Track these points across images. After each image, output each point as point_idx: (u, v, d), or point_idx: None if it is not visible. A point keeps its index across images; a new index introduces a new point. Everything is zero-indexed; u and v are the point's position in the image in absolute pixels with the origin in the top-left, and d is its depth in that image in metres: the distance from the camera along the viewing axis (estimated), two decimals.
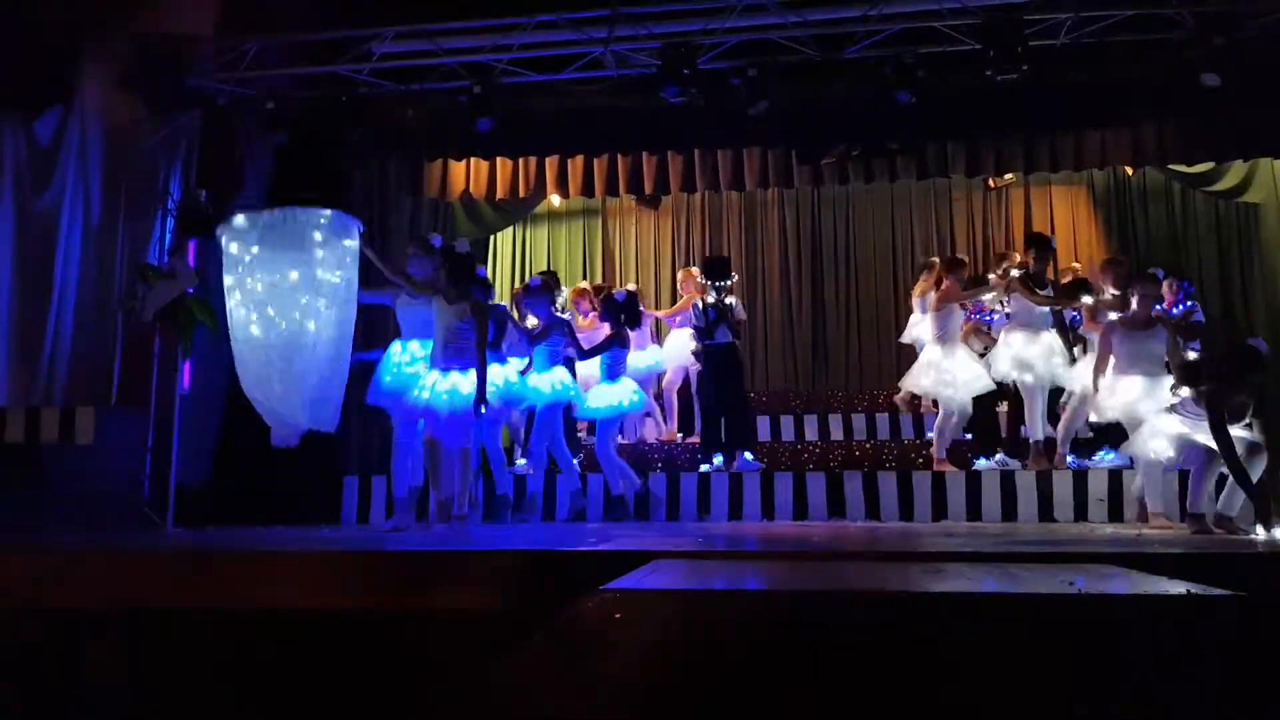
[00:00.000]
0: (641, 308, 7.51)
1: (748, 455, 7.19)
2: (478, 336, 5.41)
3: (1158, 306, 6.39)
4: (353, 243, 5.43)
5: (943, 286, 7.16)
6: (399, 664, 3.24)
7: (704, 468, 7.20)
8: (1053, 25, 6.55)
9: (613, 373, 6.78)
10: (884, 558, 3.39)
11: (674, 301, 9.23)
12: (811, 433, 8.46)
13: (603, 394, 6.74)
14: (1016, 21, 6.38)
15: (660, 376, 8.35)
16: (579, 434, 7.56)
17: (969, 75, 6.69)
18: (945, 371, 7.01)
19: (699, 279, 7.65)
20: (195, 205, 6.89)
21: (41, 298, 6.61)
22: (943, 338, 7.09)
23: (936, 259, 8.25)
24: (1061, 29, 6.57)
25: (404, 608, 3.22)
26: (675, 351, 8.28)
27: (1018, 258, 7.52)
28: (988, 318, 7.68)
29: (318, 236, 5.29)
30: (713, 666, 2.13)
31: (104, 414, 6.05)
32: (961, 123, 7.40)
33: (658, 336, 8.72)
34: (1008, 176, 9.22)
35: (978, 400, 7.08)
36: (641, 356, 7.85)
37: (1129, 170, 9.11)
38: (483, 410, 5.38)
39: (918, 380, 7.28)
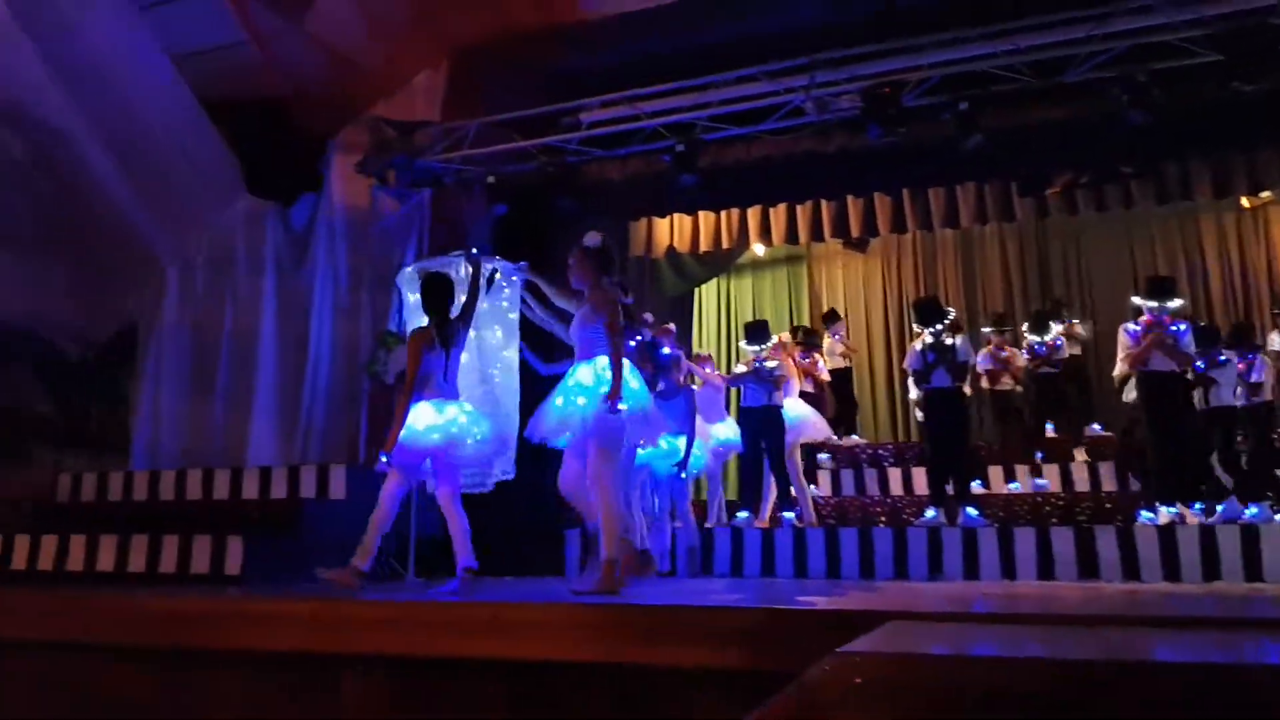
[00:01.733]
0: (709, 368, 7.05)
1: (971, 510, 6.81)
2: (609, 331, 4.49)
3: None
4: (513, 287, 5.58)
5: None
6: (636, 716, 3.26)
7: (921, 520, 6.86)
8: None
9: None
10: (1150, 623, 3.08)
11: (890, 349, 8.99)
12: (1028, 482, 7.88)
13: None
14: (1262, 26, 5.82)
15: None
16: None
17: (1209, 88, 6.15)
18: None
19: (793, 342, 7.36)
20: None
21: (299, 367, 7.28)
22: None
23: None
24: None
25: (641, 660, 3.24)
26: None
27: None
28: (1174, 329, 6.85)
29: (499, 279, 5.49)
30: None
31: (354, 471, 6.54)
32: (1205, 140, 6.81)
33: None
34: (1264, 194, 8.39)
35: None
36: (721, 429, 7.27)
37: None
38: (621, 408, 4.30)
39: None
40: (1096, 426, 8.57)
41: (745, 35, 7.14)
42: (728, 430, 7.13)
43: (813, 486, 8.21)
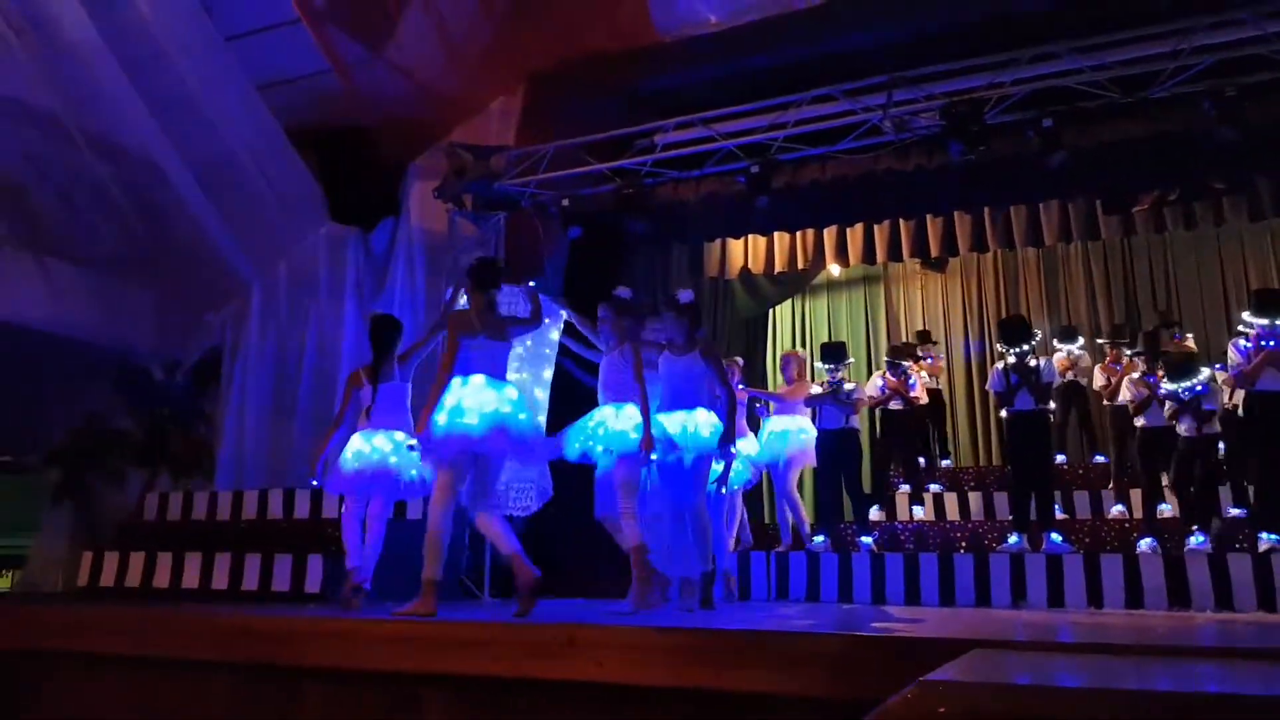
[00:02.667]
0: (736, 377, 6.78)
1: (1055, 536, 6.60)
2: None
3: None
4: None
5: None
6: None
7: (1002, 546, 6.68)
8: None
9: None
10: (1246, 655, 2.93)
11: (970, 370, 8.82)
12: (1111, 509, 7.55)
13: None
14: None
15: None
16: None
17: None
18: None
19: (804, 360, 7.28)
20: None
21: None
22: None
23: None
24: None
25: (718, 685, 3.20)
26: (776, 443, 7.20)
27: None
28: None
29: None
30: None
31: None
32: None
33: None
34: None
35: None
36: (744, 445, 6.77)
37: None
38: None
39: None
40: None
41: (821, 55, 7.10)
42: (749, 446, 6.94)
43: (875, 510, 8.06)
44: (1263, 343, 6.17)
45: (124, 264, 8.08)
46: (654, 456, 4.79)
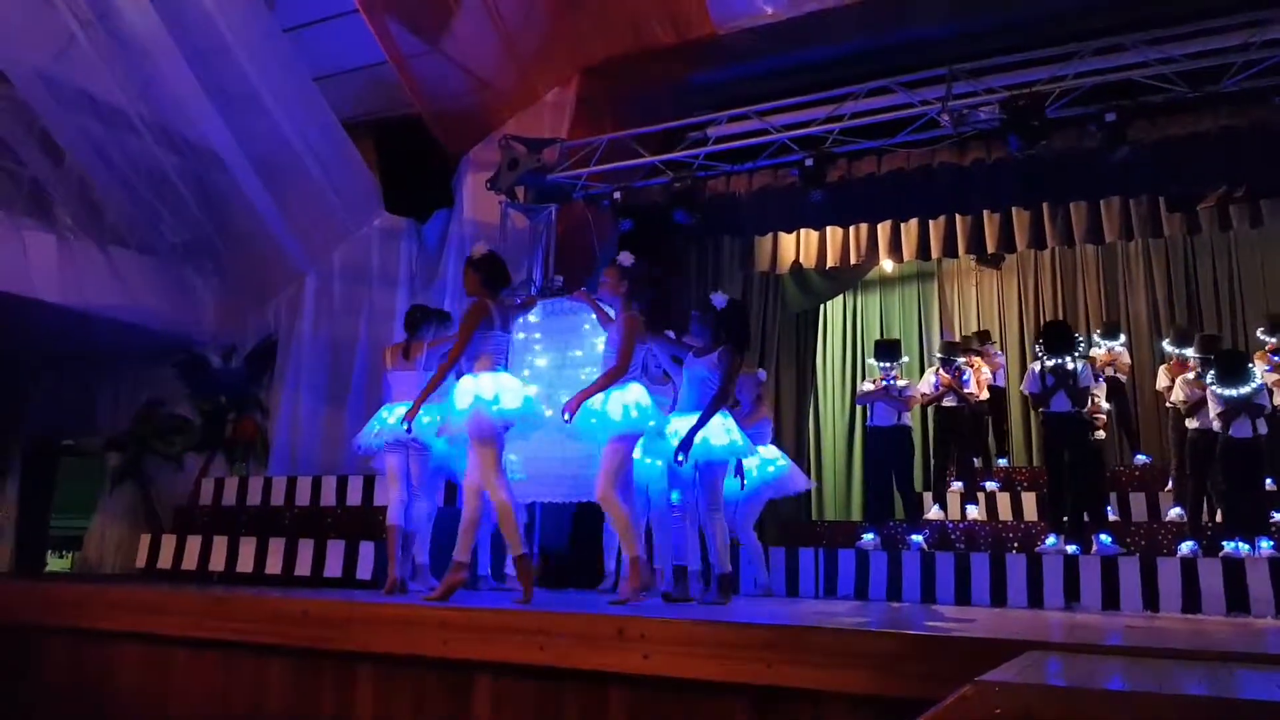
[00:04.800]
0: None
1: (1105, 538, 6.49)
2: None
3: None
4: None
5: None
6: None
7: (1039, 548, 6.63)
8: None
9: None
10: None
11: (1024, 369, 8.65)
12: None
13: None
14: None
15: None
16: None
17: None
18: None
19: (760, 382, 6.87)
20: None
21: None
22: None
23: None
24: None
25: (766, 681, 3.19)
26: None
27: None
28: None
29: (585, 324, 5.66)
30: None
31: None
32: None
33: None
34: None
35: None
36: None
37: None
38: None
39: None
40: None
41: (878, 47, 7.02)
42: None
43: (937, 509, 7.98)
44: None
45: (185, 252, 8.26)
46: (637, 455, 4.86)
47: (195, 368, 8.62)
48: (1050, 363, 6.77)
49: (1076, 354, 6.93)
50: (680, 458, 4.75)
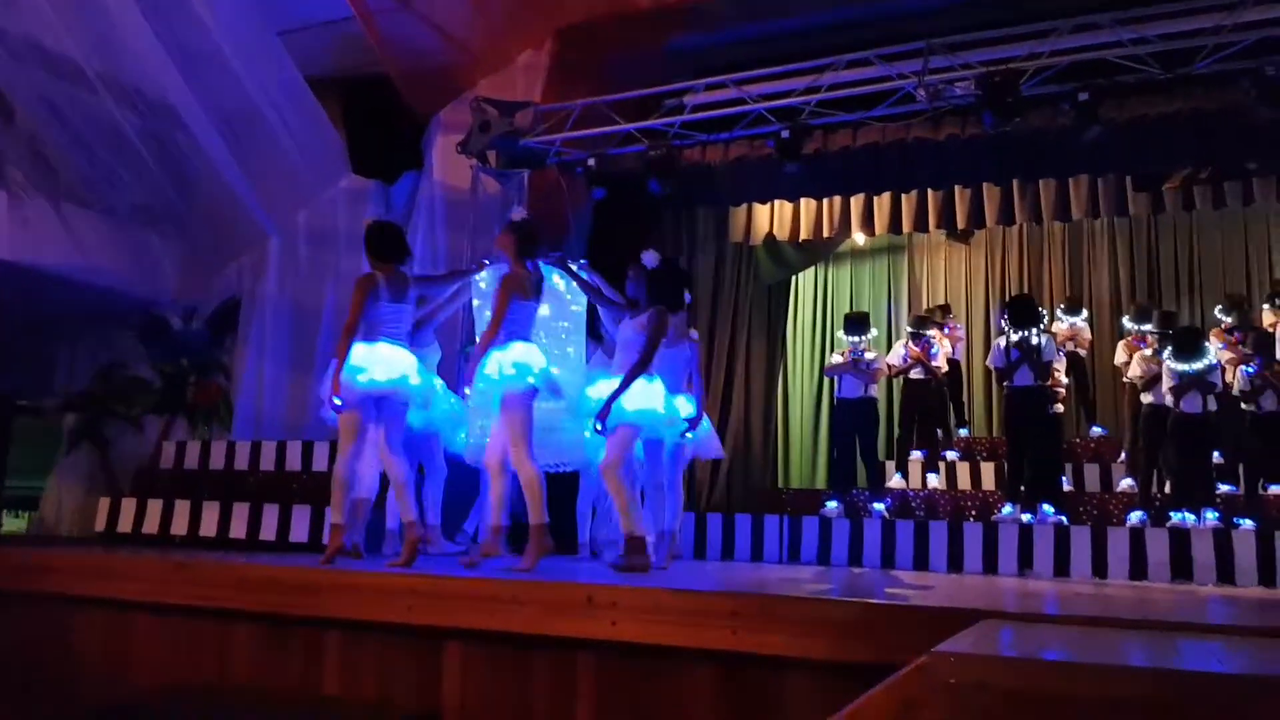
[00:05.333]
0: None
1: (1047, 507, 6.66)
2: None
3: None
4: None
5: None
6: (726, 701, 3.26)
7: (995, 516, 6.79)
8: None
9: None
10: (1248, 632, 2.95)
11: (988, 342, 8.78)
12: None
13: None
14: None
15: None
16: None
17: None
18: None
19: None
20: None
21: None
22: None
23: None
24: None
25: (730, 647, 3.24)
26: None
27: None
28: None
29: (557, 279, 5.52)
30: None
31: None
32: None
33: None
34: None
35: None
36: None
37: None
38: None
39: None
40: None
41: (857, 18, 7.01)
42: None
43: (899, 477, 8.12)
44: None
45: (144, 212, 8.08)
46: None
47: (155, 330, 8.47)
48: (1015, 336, 6.89)
49: (1041, 328, 7.05)
50: (597, 426, 4.66)
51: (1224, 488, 6.98)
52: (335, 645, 3.94)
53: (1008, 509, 6.77)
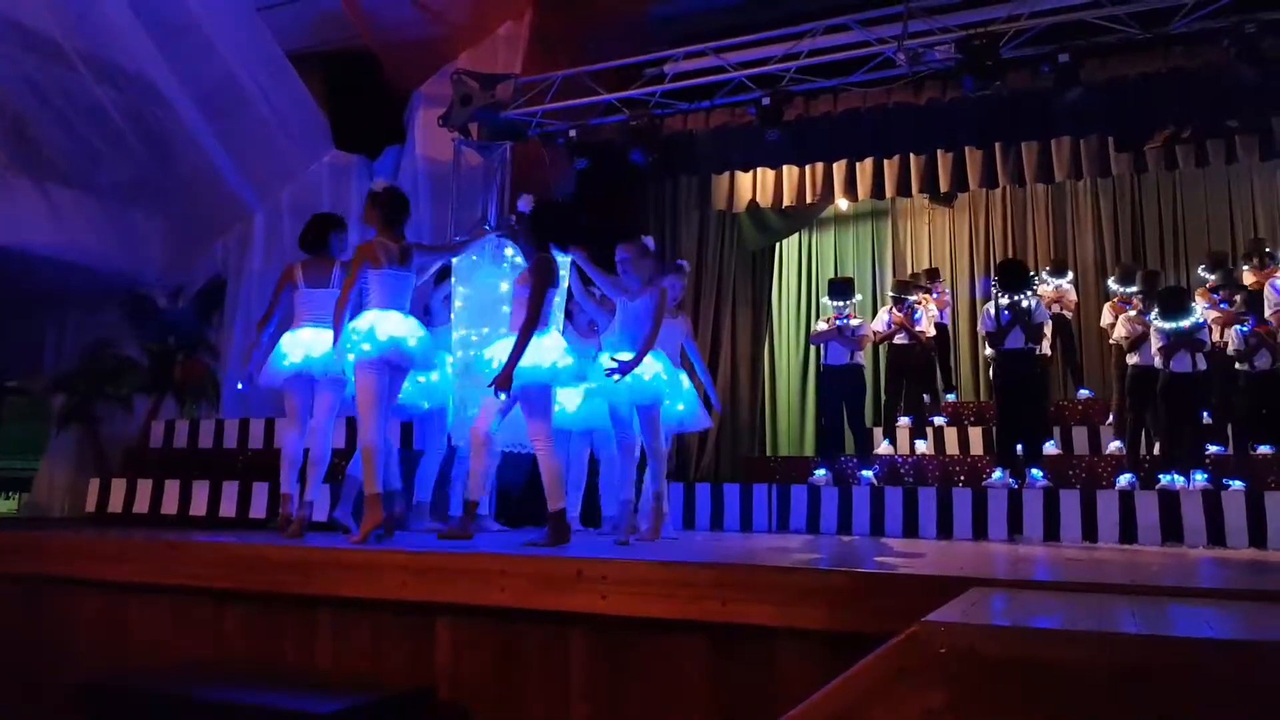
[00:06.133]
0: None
1: (1036, 472, 6.73)
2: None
3: None
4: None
5: None
6: (716, 672, 3.31)
7: (985, 482, 6.82)
8: None
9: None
10: (1242, 596, 2.99)
11: (974, 306, 8.80)
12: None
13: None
14: None
15: None
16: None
17: None
18: None
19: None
20: None
21: None
22: None
23: None
24: None
25: (721, 618, 3.28)
26: None
27: None
28: None
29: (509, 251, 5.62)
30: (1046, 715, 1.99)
31: (432, 423, 6.63)
32: None
33: None
34: None
35: None
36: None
37: None
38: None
39: None
40: None
41: None
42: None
43: (887, 444, 8.18)
44: None
45: (127, 190, 7.99)
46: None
47: (141, 308, 8.42)
48: (1005, 300, 6.89)
49: (1031, 291, 7.06)
50: (500, 395, 4.44)
51: (1212, 449, 7.04)
52: (327, 623, 3.98)
53: (997, 474, 6.81)
